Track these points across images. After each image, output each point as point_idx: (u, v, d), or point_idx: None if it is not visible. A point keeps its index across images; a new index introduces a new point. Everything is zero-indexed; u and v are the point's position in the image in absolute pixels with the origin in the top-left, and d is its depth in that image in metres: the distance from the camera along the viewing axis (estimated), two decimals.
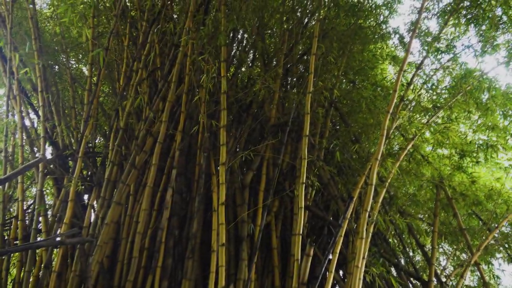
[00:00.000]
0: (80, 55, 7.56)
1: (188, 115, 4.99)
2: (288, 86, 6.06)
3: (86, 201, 5.26)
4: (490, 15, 4.68)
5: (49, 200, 6.50)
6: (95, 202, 4.88)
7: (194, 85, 4.99)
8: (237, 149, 5.14)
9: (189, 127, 4.93)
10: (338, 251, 4.06)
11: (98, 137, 6.87)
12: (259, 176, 4.95)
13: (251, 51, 6.33)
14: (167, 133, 4.81)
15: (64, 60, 6.85)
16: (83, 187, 4.95)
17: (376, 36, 6.13)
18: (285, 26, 5.91)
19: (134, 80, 5.26)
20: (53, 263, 4.75)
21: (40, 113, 5.43)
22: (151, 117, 4.89)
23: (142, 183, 4.74)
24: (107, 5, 6.55)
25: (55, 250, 5.05)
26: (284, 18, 6.02)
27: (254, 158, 4.95)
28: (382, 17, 6.19)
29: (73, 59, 7.61)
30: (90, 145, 5.73)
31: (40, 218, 5.01)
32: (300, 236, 4.02)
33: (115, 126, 5.16)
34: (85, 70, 7.37)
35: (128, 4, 6.09)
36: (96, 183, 4.89)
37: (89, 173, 5.59)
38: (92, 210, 4.81)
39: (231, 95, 5.22)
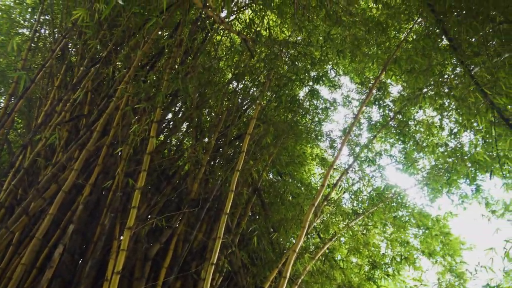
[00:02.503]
0: (2, 89, 7.00)
1: (104, 169, 4.59)
2: (216, 164, 5.91)
3: None
4: (416, 136, 5.02)
5: None
6: None
7: (118, 140, 4.67)
8: (149, 217, 4.74)
9: (101, 181, 4.50)
10: None
11: None
12: (166, 250, 4.54)
13: (186, 122, 6.21)
14: (75, 183, 4.33)
15: None
16: None
17: (309, 136, 6.33)
18: (225, 107, 5.93)
19: (54, 121, 4.83)
20: None
21: None
22: (63, 162, 4.41)
23: (30, 233, 4.10)
24: (48, 45, 6.28)
25: None
26: (226, 98, 6.07)
27: (164, 230, 4.58)
28: (317, 119, 6.48)
29: None
30: None
31: None
32: None
33: (18, 164, 4.58)
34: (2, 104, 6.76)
35: (70, 48, 5.84)
36: None
37: None
38: None
39: (155, 159, 4.95)
